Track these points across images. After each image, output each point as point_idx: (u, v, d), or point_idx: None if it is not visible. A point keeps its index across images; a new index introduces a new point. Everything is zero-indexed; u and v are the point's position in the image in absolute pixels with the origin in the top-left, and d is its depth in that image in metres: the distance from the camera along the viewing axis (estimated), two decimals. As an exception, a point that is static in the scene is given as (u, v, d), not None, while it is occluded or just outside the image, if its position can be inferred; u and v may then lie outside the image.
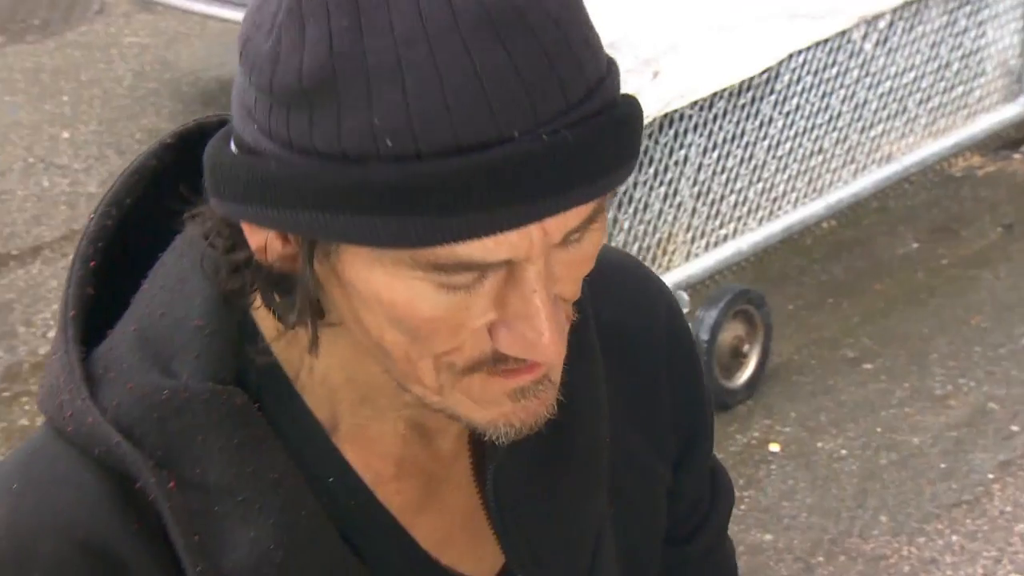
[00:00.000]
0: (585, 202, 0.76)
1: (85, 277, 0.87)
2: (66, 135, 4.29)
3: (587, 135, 0.75)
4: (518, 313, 0.78)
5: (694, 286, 3.29)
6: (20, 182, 4.06)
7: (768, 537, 2.84)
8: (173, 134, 0.90)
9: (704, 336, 3.09)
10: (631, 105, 0.78)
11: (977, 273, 3.60)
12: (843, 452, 3.06)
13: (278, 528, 0.83)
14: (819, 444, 3.09)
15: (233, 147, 0.80)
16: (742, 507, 2.91)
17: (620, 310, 0.93)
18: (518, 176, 0.74)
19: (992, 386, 3.22)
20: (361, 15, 0.73)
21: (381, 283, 0.78)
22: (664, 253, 3.28)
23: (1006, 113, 3.92)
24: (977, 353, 3.33)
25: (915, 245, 3.72)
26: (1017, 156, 4.06)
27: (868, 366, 3.31)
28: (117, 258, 0.89)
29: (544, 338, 0.78)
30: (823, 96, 3.49)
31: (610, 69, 0.77)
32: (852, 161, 3.61)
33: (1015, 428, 3.10)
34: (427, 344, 0.80)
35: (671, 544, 1.01)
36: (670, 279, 3.22)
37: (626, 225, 3.19)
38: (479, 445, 0.89)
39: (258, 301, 0.84)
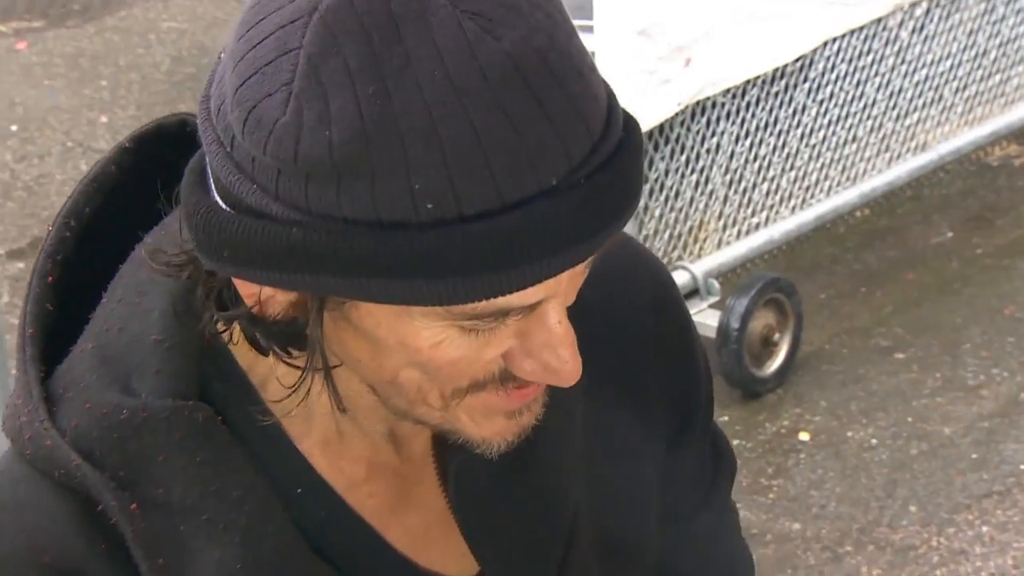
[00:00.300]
0: (619, 231, 0.77)
1: (43, 293, 0.85)
2: (104, 119, 4.33)
3: (616, 168, 0.75)
4: (542, 343, 0.78)
5: (725, 274, 3.29)
6: (59, 166, 4.11)
7: (796, 526, 2.84)
8: (131, 138, 0.88)
9: (734, 324, 3.10)
10: (635, 123, 0.78)
11: (1012, 263, 3.58)
12: (873, 442, 3.06)
13: (244, 547, 0.81)
14: (849, 433, 3.08)
15: (223, 204, 0.77)
16: (770, 496, 2.91)
17: (603, 288, 0.92)
18: (562, 224, 0.73)
19: (1025, 377, 3.23)
20: (387, 80, 0.71)
21: (406, 332, 0.77)
22: (695, 241, 3.28)
23: (1043, 101, 3.90)
24: (1011, 343, 3.32)
25: (949, 234, 3.70)
26: (1054, 145, 4.06)
27: (900, 356, 3.30)
28: (77, 271, 0.87)
29: (568, 365, 0.79)
30: (858, 84, 3.48)
31: (608, 89, 0.77)
32: (887, 149, 3.60)
33: (1048, 415, 3.11)
34: (445, 380, 0.79)
35: (673, 521, 1.00)
36: (701, 267, 3.22)
37: (657, 213, 3.19)
38: (443, 445, 0.88)
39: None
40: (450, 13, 0.72)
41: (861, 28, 3.42)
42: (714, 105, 3.20)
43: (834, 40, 3.37)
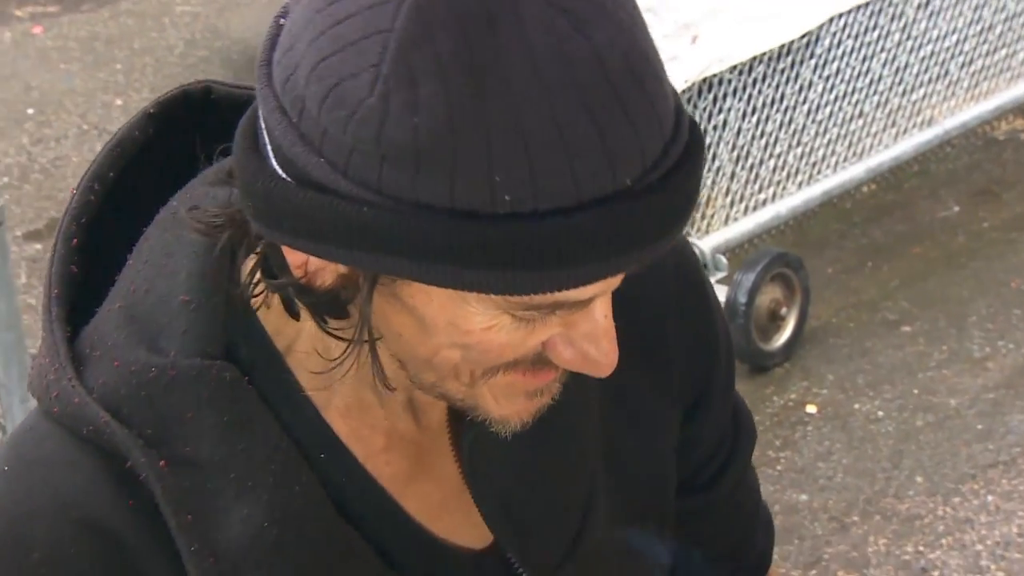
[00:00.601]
0: (683, 229, 0.77)
1: (68, 255, 0.85)
2: (119, 102, 4.37)
3: (685, 170, 0.76)
4: (585, 333, 0.79)
5: (732, 250, 3.32)
6: (75, 149, 4.15)
7: (804, 497, 2.87)
8: (156, 103, 0.88)
9: (742, 299, 3.13)
10: (696, 124, 0.78)
11: (1018, 236, 3.60)
12: (880, 414, 3.09)
13: (272, 505, 0.81)
14: (856, 406, 3.11)
15: (283, 173, 0.76)
16: (778, 468, 2.94)
17: None
18: (633, 224, 0.74)
19: (1030, 348, 3.25)
20: (477, 72, 0.71)
21: (458, 314, 0.77)
22: (703, 217, 3.31)
23: (1050, 76, 3.91)
24: (1016, 316, 3.34)
25: (956, 208, 3.72)
26: (1060, 119, 4.08)
27: (906, 329, 3.33)
28: (102, 234, 0.87)
29: (608, 357, 0.80)
30: (864, 60, 3.50)
31: (674, 90, 0.77)
32: (893, 125, 3.62)
33: (1052, 390, 3.13)
34: (484, 361, 0.80)
35: (692, 492, 1.01)
36: (708, 243, 3.25)
37: (665, 189, 3.22)
38: (458, 417, 0.89)
39: (242, 273, 0.83)
40: (543, 9, 0.72)
41: (867, 4, 3.44)
42: (721, 82, 3.23)
43: (840, 16, 3.39)
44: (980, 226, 3.65)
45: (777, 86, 3.34)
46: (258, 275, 0.81)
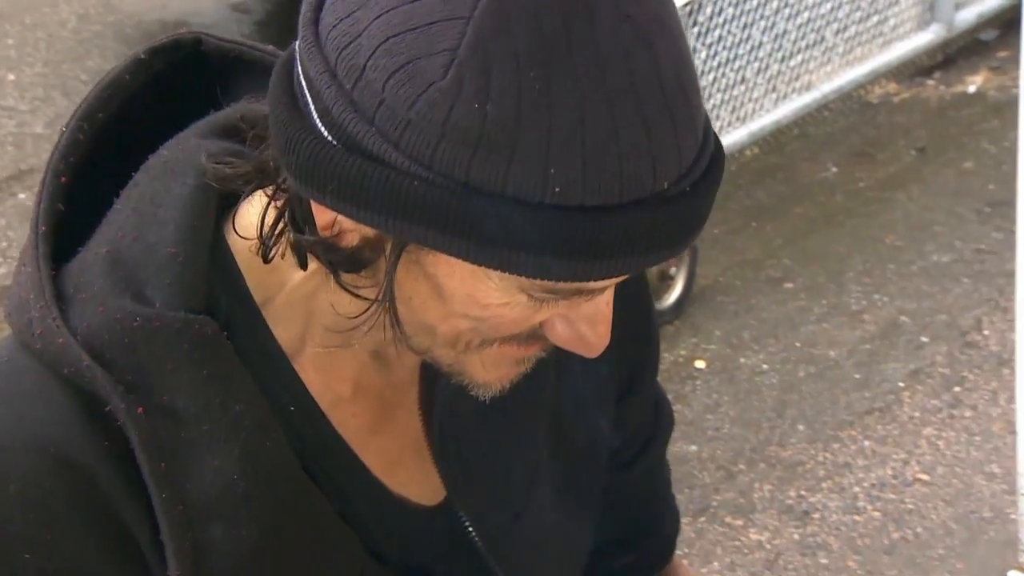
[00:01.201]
0: (699, 235, 0.81)
1: (55, 192, 0.85)
2: (12, 77, 4.36)
3: (712, 177, 0.79)
4: (585, 316, 0.82)
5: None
6: (-32, 125, 4.14)
7: (693, 448, 2.95)
8: (147, 50, 0.88)
9: (632, 260, 3.23)
10: (717, 136, 0.81)
11: (892, 195, 3.72)
12: (764, 367, 3.19)
13: (242, 459, 0.82)
14: (742, 360, 3.21)
15: (329, 136, 0.77)
16: (669, 420, 3.06)
17: None
18: (664, 226, 0.77)
19: (904, 301, 3.36)
20: (549, 68, 0.73)
21: (478, 289, 0.79)
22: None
23: (919, 41, 4.06)
24: (891, 270, 3.46)
25: (834, 169, 3.83)
26: (930, 82, 4.18)
27: (789, 285, 3.45)
28: (88, 176, 0.87)
29: (601, 340, 0.83)
30: (744, 27, 3.62)
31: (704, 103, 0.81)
32: (773, 90, 3.75)
33: (925, 339, 3.23)
34: (490, 332, 0.82)
35: (612, 470, 1.03)
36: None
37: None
38: (429, 376, 0.91)
39: (235, 225, 0.84)
40: (613, 14, 0.74)
41: (746, -27, 3.56)
42: (608, 52, 3.32)
43: (721, -15, 3.51)
44: (856, 186, 3.77)
45: (662, 54, 3.45)
46: (280, 226, 0.82)
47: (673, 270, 3.33)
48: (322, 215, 0.80)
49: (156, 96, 0.88)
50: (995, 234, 3.57)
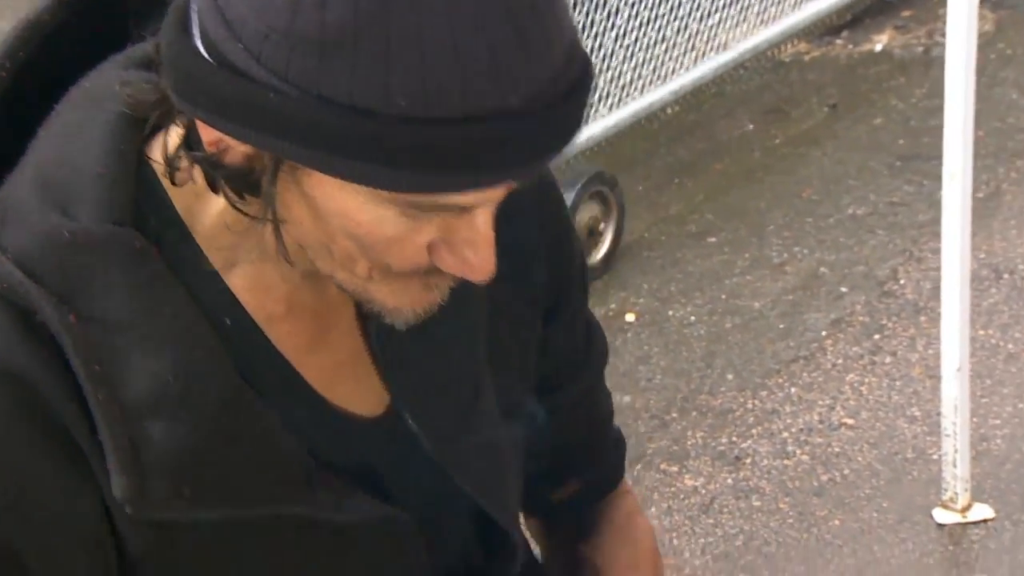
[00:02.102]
0: (557, 158, 0.82)
1: None
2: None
3: (571, 101, 0.80)
4: (466, 240, 0.84)
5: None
6: None
7: (627, 399, 3.00)
8: None
9: (563, 217, 3.29)
10: (590, 63, 0.83)
11: (806, 151, 3.81)
12: (692, 319, 3.26)
13: (176, 362, 0.84)
14: (670, 312, 3.28)
15: (206, 54, 0.80)
16: (603, 372, 3.13)
17: None
18: (514, 143, 0.78)
19: (823, 252, 3.45)
20: None
21: (349, 205, 0.82)
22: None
23: (828, 1, 4.18)
24: (809, 223, 3.55)
25: (750, 126, 3.91)
26: (839, 41, 4.28)
27: (712, 239, 3.53)
28: (11, 113, 0.89)
29: (485, 264, 0.85)
30: (664, -13, 3.69)
31: (572, 26, 0.82)
32: (692, 49, 3.81)
33: (844, 290, 3.33)
34: (376, 256, 0.84)
35: (544, 393, 1.06)
36: (529, 165, 3.39)
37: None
38: None
39: (155, 151, 0.86)
40: None
41: (667, -67, 3.62)
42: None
43: (642, -54, 3.56)
44: (773, 142, 3.86)
45: (587, 13, 3.51)
46: (180, 149, 0.84)
47: (601, 226, 3.39)
48: (206, 132, 0.82)
49: (77, 33, 0.90)
50: (906, 187, 3.68)
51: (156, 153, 0.87)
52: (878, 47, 4.27)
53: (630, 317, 3.29)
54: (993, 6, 4.30)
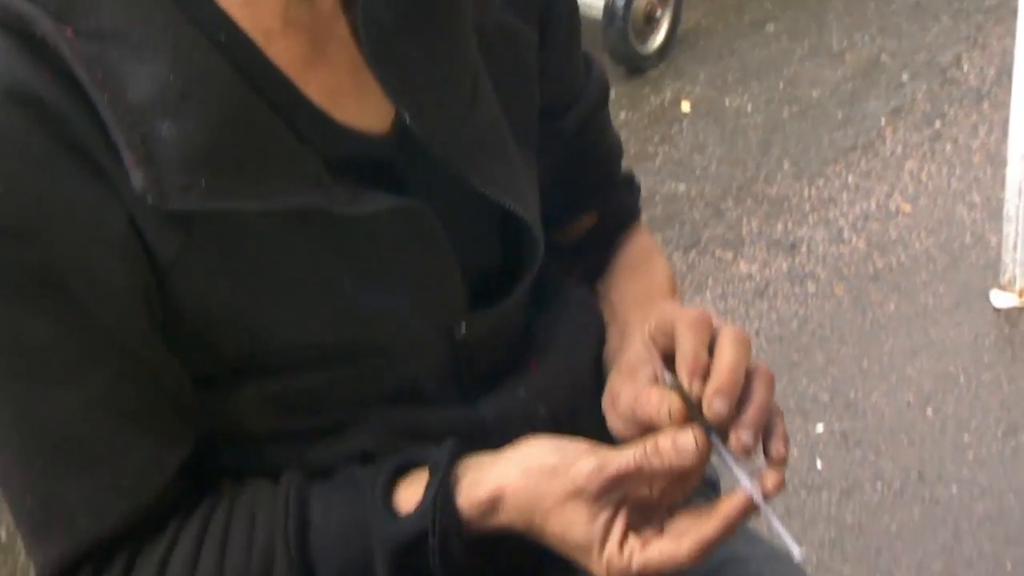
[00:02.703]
0: None
1: None
2: None
3: None
4: None
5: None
6: None
7: (682, 187, 3.00)
8: None
9: (619, 3, 3.24)
10: None
11: None
12: (749, 108, 3.23)
13: (175, 62, 0.85)
14: (727, 101, 3.25)
15: None
16: (657, 161, 3.10)
17: None
18: None
19: (885, 40, 3.40)
20: None
21: None
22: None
23: None
24: (871, 9, 3.50)
25: None
26: None
27: (770, 27, 3.48)
28: None
29: None
30: None
31: None
32: None
33: (905, 78, 3.29)
34: None
35: (546, 118, 1.07)
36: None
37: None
38: (351, 4, 0.93)
39: None
40: None
41: None
42: None
43: None
44: (835, -72, 3.81)
45: None
46: None
47: (659, 13, 3.34)
48: None
49: None
50: (973, -27, 3.59)
51: None
52: None
53: (686, 106, 3.26)
54: None
